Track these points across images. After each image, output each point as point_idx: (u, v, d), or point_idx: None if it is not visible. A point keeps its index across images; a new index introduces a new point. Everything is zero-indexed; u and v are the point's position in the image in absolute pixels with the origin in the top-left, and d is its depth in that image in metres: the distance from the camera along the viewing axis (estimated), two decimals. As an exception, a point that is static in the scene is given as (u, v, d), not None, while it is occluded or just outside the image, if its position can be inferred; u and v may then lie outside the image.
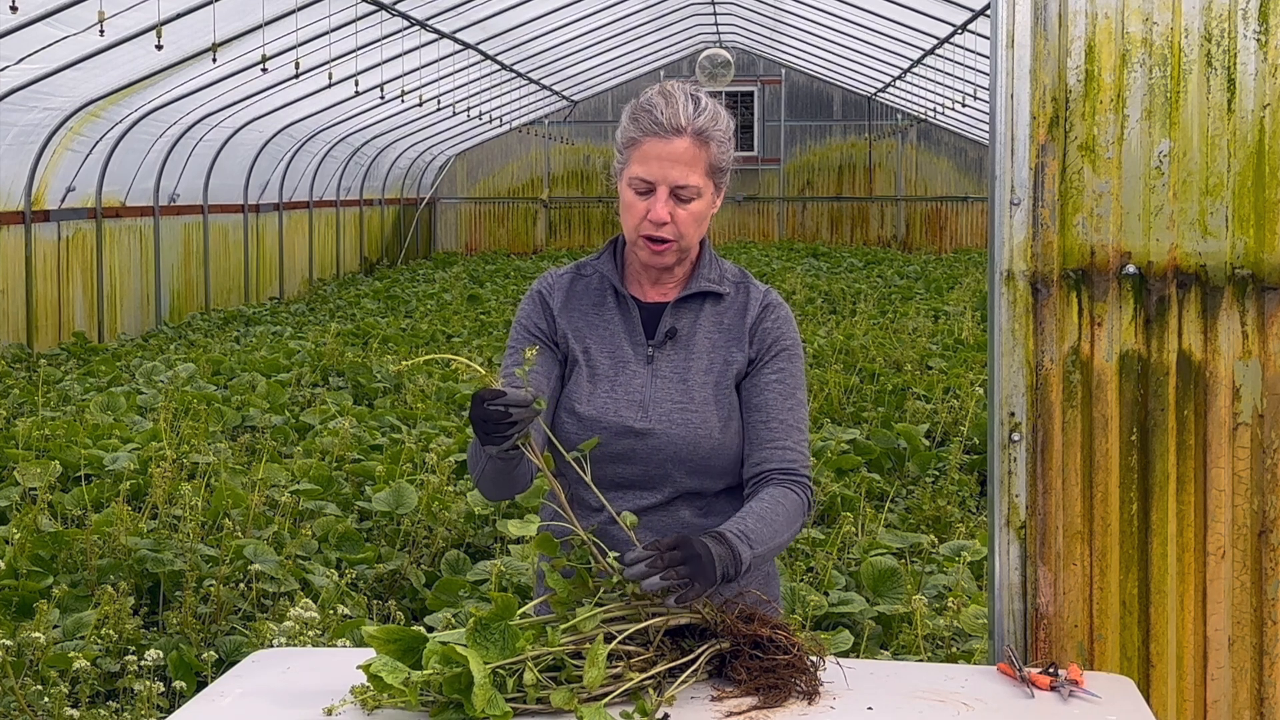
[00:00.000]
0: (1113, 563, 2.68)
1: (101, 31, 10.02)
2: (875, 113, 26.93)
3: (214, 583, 5.23)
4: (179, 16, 11.91)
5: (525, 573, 5.36)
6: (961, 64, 18.54)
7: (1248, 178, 2.63)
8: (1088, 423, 2.68)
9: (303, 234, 20.99)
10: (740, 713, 2.22)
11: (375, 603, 5.46)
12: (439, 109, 19.64)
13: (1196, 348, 2.66)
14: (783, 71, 27.01)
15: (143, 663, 4.00)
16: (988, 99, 2.73)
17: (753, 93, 27.09)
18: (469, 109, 20.49)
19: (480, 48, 18.84)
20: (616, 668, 2.24)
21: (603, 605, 2.31)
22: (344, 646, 3.71)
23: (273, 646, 3.94)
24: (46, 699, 4.14)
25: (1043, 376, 2.69)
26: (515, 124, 25.24)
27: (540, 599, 2.44)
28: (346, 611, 4.74)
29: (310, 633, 4.06)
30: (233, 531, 5.87)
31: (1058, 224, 2.67)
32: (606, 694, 2.20)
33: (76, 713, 3.91)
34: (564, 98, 25.67)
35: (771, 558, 2.57)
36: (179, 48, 12.91)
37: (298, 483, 6.92)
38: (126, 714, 4.12)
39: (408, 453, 7.37)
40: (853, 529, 6.16)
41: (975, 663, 4.24)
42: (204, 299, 17.53)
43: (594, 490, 2.45)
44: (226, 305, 17.89)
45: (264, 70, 12.27)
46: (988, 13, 6.41)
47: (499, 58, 20.06)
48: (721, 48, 25.34)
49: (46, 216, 13.75)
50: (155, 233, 16.25)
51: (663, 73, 25.93)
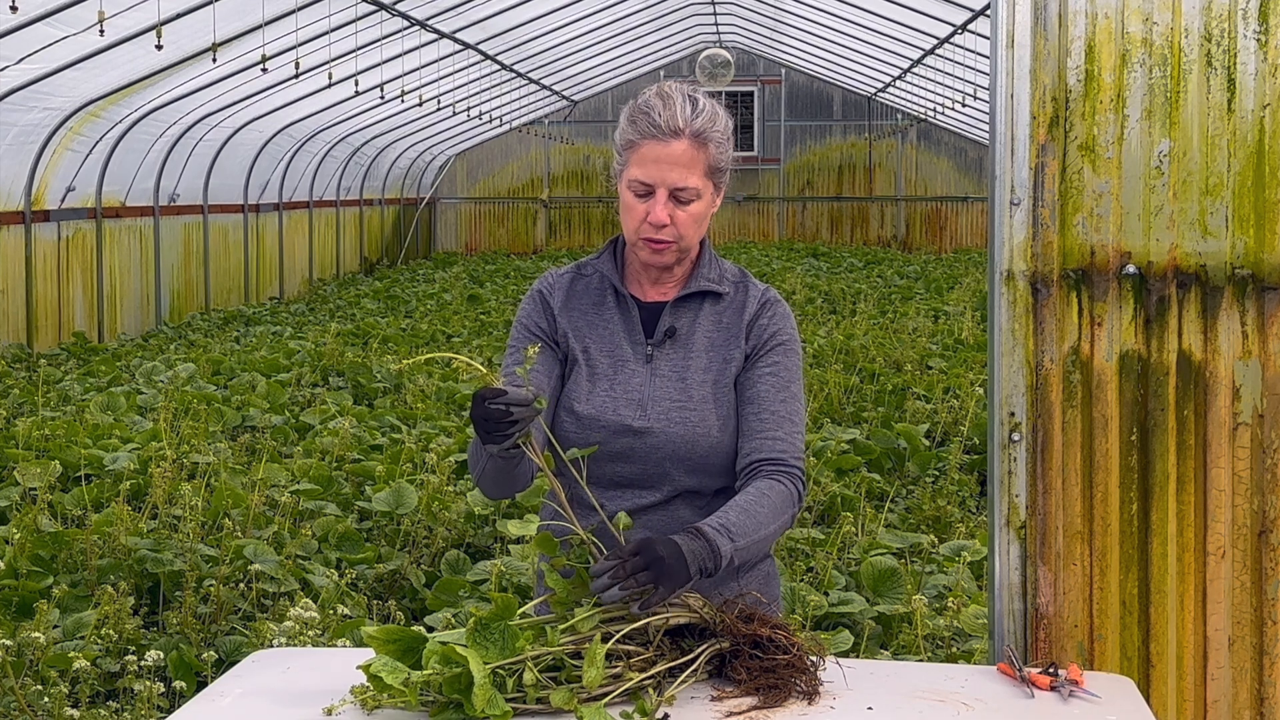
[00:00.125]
0: (1113, 563, 2.68)
1: (101, 31, 10.02)
2: (875, 113, 26.93)
3: (214, 583, 5.23)
4: (179, 16, 11.91)
5: (525, 573, 5.36)
6: (961, 64, 18.54)
7: (1248, 178, 2.63)
8: (1088, 423, 2.68)
9: (303, 234, 20.99)
10: (740, 713, 2.22)
11: (375, 603, 5.46)
12: (439, 109, 19.64)
13: (1196, 348, 2.66)
14: (783, 71, 27.01)
15: (143, 663, 4.00)
16: (988, 99, 2.73)
17: (753, 93, 27.09)
18: (469, 109, 20.49)
19: (480, 48, 18.84)
20: (616, 668, 2.24)
21: (601, 605, 2.31)
22: (344, 646, 3.71)
23: (273, 646, 3.94)
24: (46, 699, 4.14)
25: (1043, 376, 2.69)
26: (515, 124, 25.25)
27: (540, 599, 2.44)
28: (346, 611, 4.74)
29: (310, 633, 4.06)
30: (233, 531, 5.87)
31: (1058, 224, 2.67)
32: (606, 694, 2.20)
33: (76, 713, 3.91)
34: (564, 98, 25.67)
35: (760, 550, 2.55)
36: (179, 48, 12.91)
37: (298, 483, 6.92)
38: (126, 714, 4.12)
39: (408, 453, 7.37)
40: (853, 529, 6.16)
41: (975, 663, 4.24)
42: (204, 299, 17.53)
43: (589, 494, 2.46)
44: (226, 305, 17.89)
45: (264, 70, 12.27)
46: (988, 13, 6.40)
47: (499, 58, 20.06)
48: (721, 48, 25.34)
49: (46, 216, 13.75)
50: (155, 233, 16.26)
51: (663, 73, 25.93)
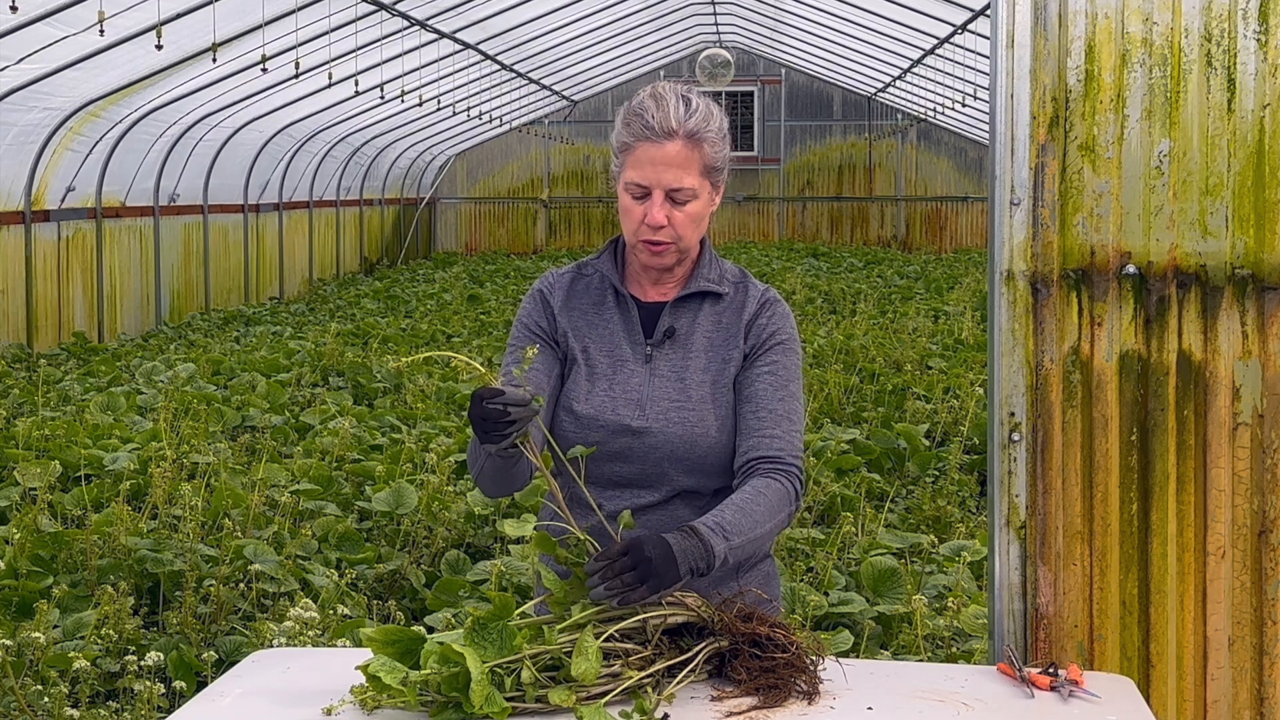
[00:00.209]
0: (1113, 563, 2.68)
1: (101, 31, 10.02)
2: (875, 113, 26.93)
3: (214, 583, 5.23)
4: (179, 16, 11.91)
5: (525, 573, 5.35)
6: (961, 64, 18.54)
7: (1248, 178, 2.63)
8: (1088, 423, 2.68)
9: (303, 234, 20.99)
10: (740, 712, 2.22)
11: (375, 603, 5.46)
12: (439, 109, 19.64)
13: (1196, 348, 2.66)
14: (783, 71, 27.01)
15: (143, 663, 4.00)
16: (988, 99, 2.73)
17: (753, 93, 27.09)
18: (469, 109, 20.49)
19: (480, 48, 18.84)
20: (614, 666, 2.24)
21: (594, 603, 2.31)
22: (344, 646, 3.71)
23: (273, 646, 3.94)
24: (46, 699, 4.14)
25: (1043, 376, 2.68)
26: (515, 124, 25.24)
27: (539, 599, 2.44)
28: (346, 611, 4.74)
29: (310, 633, 4.06)
30: (233, 531, 5.87)
31: (1058, 224, 2.67)
32: (605, 692, 2.20)
33: (76, 713, 3.91)
34: (564, 98, 25.67)
35: (757, 548, 2.55)
36: (179, 48, 12.91)
37: (298, 483, 6.92)
38: (126, 714, 4.12)
39: (408, 453, 7.37)
40: (853, 529, 6.16)
41: (975, 663, 4.24)
42: (204, 299, 17.53)
43: (587, 494, 2.46)
44: (226, 305, 17.89)
45: (264, 70, 12.27)
46: (988, 13, 6.40)
47: (499, 58, 20.06)
48: (721, 48, 25.34)
49: (46, 216, 13.75)
50: (155, 233, 16.25)
51: (662, 73, 25.93)
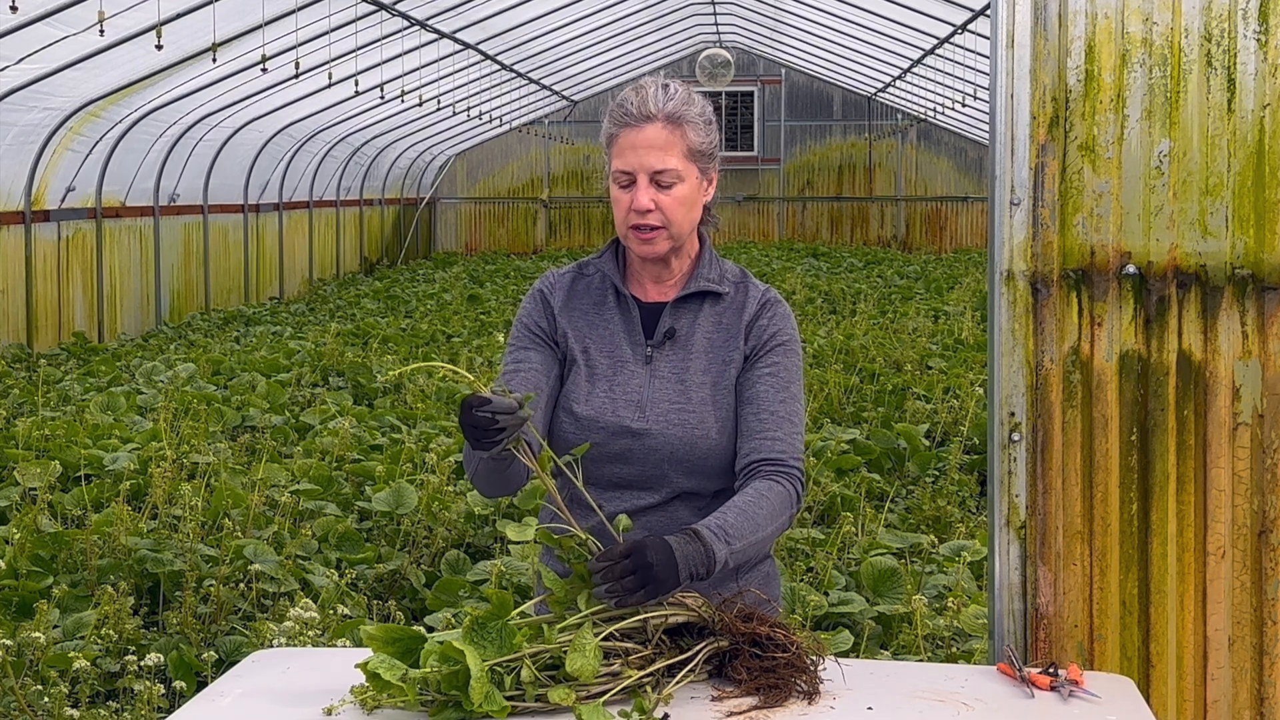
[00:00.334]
0: (1113, 563, 2.68)
1: (101, 31, 10.01)
2: (875, 113, 26.92)
3: (214, 583, 5.23)
4: (179, 16, 11.91)
5: (525, 573, 5.36)
6: (961, 64, 18.54)
7: (1248, 178, 2.63)
8: (1088, 423, 2.68)
9: (303, 234, 20.99)
10: (740, 712, 2.22)
11: (375, 603, 5.46)
12: (439, 109, 19.64)
13: (1196, 348, 2.66)
14: (783, 71, 27.01)
15: (143, 663, 4.00)
16: (988, 99, 2.73)
17: (753, 93, 27.09)
18: (469, 109, 20.49)
19: (480, 48, 18.84)
20: (614, 665, 2.24)
21: (598, 604, 2.31)
22: (344, 646, 3.71)
23: (273, 646, 3.94)
24: (46, 699, 4.14)
25: (1043, 376, 2.68)
26: (515, 124, 25.24)
27: (539, 598, 2.44)
28: (346, 611, 4.74)
29: (310, 633, 4.06)
30: (233, 531, 5.87)
31: (1058, 224, 2.67)
32: (604, 692, 2.20)
33: (76, 713, 3.91)
34: (564, 98, 25.66)
35: (758, 551, 2.55)
36: (179, 48, 12.91)
37: (298, 483, 6.92)
38: (126, 714, 4.12)
39: (408, 453, 7.37)
40: (853, 529, 6.16)
41: (975, 663, 4.24)
42: (204, 299, 17.53)
43: (586, 494, 2.46)
44: (226, 305, 17.89)
45: (264, 70, 12.27)
46: (988, 13, 6.40)
47: (499, 58, 20.06)
48: (721, 48, 25.34)
49: (46, 216, 13.75)
50: (155, 233, 16.25)
51: (662, 73, 25.72)
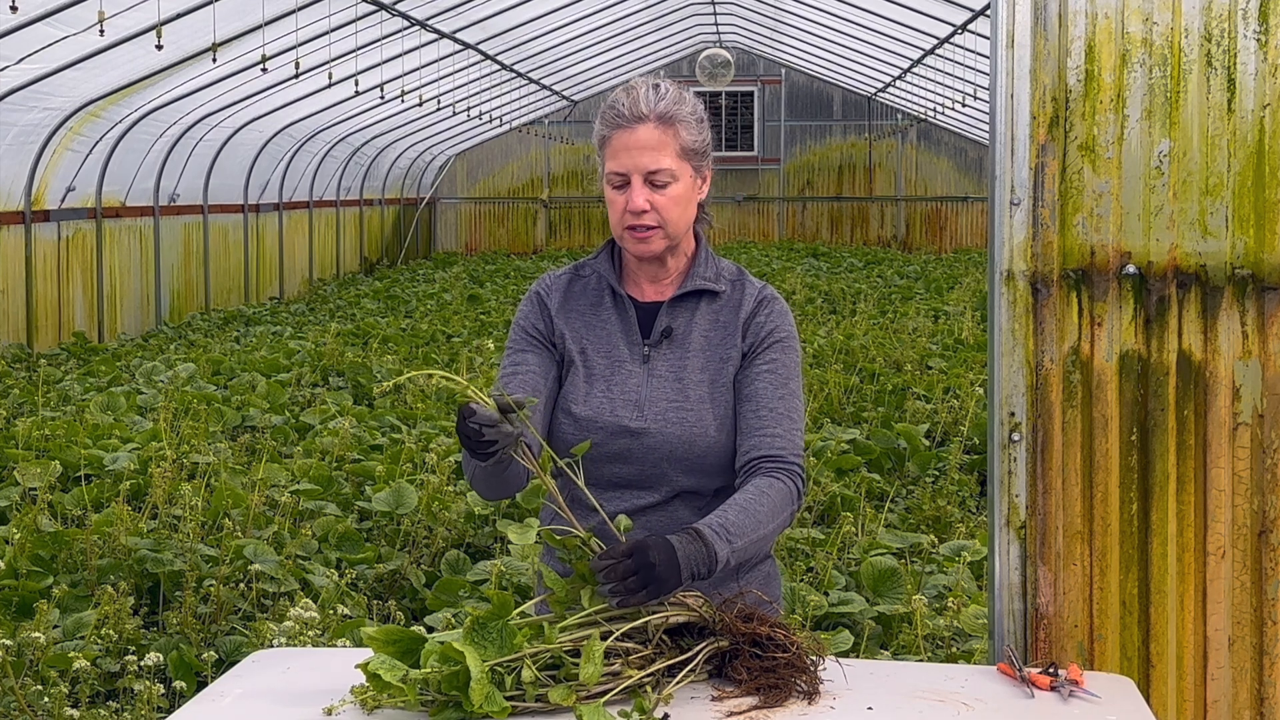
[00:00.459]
0: (1113, 563, 2.68)
1: (101, 31, 10.01)
2: (875, 113, 26.92)
3: (214, 583, 5.23)
4: (179, 16, 11.91)
5: (525, 573, 5.36)
6: (961, 64, 18.54)
7: (1248, 178, 2.63)
8: (1088, 423, 2.68)
9: (303, 234, 20.99)
10: (740, 712, 2.22)
11: (375, 603, 5.46)
12: (439, 109, 19.64)
13: (1196, 348, 2.66)
14: (783, 71, 27.01)
15: (143, 663, 4.00)
16: (988, 99, 2.73)
17: (753, 93, 27.09)
18: (469, 109, 20.49)
19: (480, 48, 18.84)
20: (614, 665, 2.24)
21: (599, 603, 2.31)
22: (344, 646, 3.71)
23: (273, 646, 3.94)
24: (46, 699, 4.14)
25: (1043, 376, 2.68)
26: (515, 124, 25.24)
27: (539, 598, 2.44)
28: (346, 611, 4.74)
29: (310, 633, 4.05)
30: (233, 531, 5.87)
31: (1058, 224, 2.67)
32: (605, 692, 2.20)
33: (76, 713, 3.91)
34: (564, 98, 25.66)
35: (759, 549, 2.55)
36: (179, 48, 12.91)
37: (298, 483, 6.92)
38: (126, 714, 4.12)
39: (408, 453, 7.37)
40: (853, 529, 6.15)
41: (975, 663, 4.24)
42: (204, 299, 17.52)
43: (587, 494, 2.46)
44: (226, 305, 17.89)
45: (264, 70, 12.27)
46: (988, 13, 6.40)
47: (499, 58, 20.06)
48: (721, 48, 25.34)
49: (46, 216, 13.75)
50: (155, 233, 16.25)
51: (662, 73, 25.88)
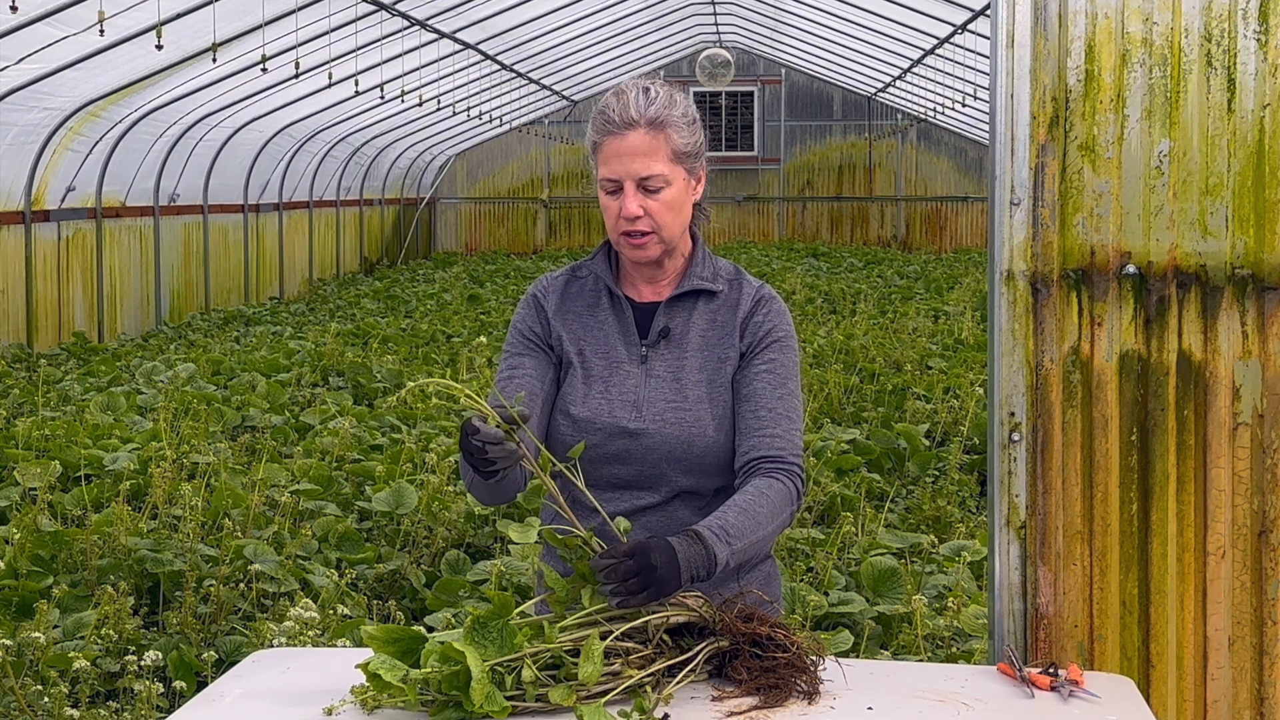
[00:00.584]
0: (1113, 563, 2.68)
1: (101, 31, 10.01)
2: (875, 113, 26.92)
3: (214, 583, 5.23)
4: (179, 16, 11.91)
5: (525, 573, 5.36)
6: (961, 64, 18.54)
7: (1248, 178, 2.63)
8: (1088, 423, 2.68)
9: (303, 234, 20.98)
10: (741, 712, 2.22)
11: (375, 603, 5.46)
12: (439, 109, 19.64)
13: (1196, 348, 2.66)
14: (783, 71, 27.01)
15: (143, 663, 4.00)
16: (988, 99, 2.73)
17: (753, 93, 27.08)
18: (469, 109, 20.49)
19: (480, 48, 18.84)
20: (614, 665, 2.24)
21: (600, 602, 2.31)
22: (344, 646, 3.71)
23: (273, 646, 3.94)
24: (46, 699, 4.14)
25: (1043, 376, 2.68)
26: (515, 124, 25.24)
27: (539, 598, 2.44)
28: (346, 611, 4.74)
29: (310, 633, 4.06)
30: (233, 531, 5.87)
31: (1058, 224, 2.67)
32: (605, 691, 2.20)
33: (76, 713, 3.91)
34: (564, 98, 25.66)
35: (759, 550, 2.55)
36: (179, 48, 12.91)
37: (298, 483, 6.92)
38: (126, 714, 4.12)
39: (408, 453, 7.37)
40: (853, 529, 6.16)
41: (975, 663, 4.24)
42: (204, 299, 17.52)
43: (588, 495, 2.46)
44: (226, 305, 17.88)
45: (264, 70, 12.27)
46: (988, 13, 6.41)
47: (499, 58, 20.06)
48: (721, 48, 25.33)
49: (46, 216, 13.75)
50: (155, 233, 16.25)
51: (662, 73, 25.92)
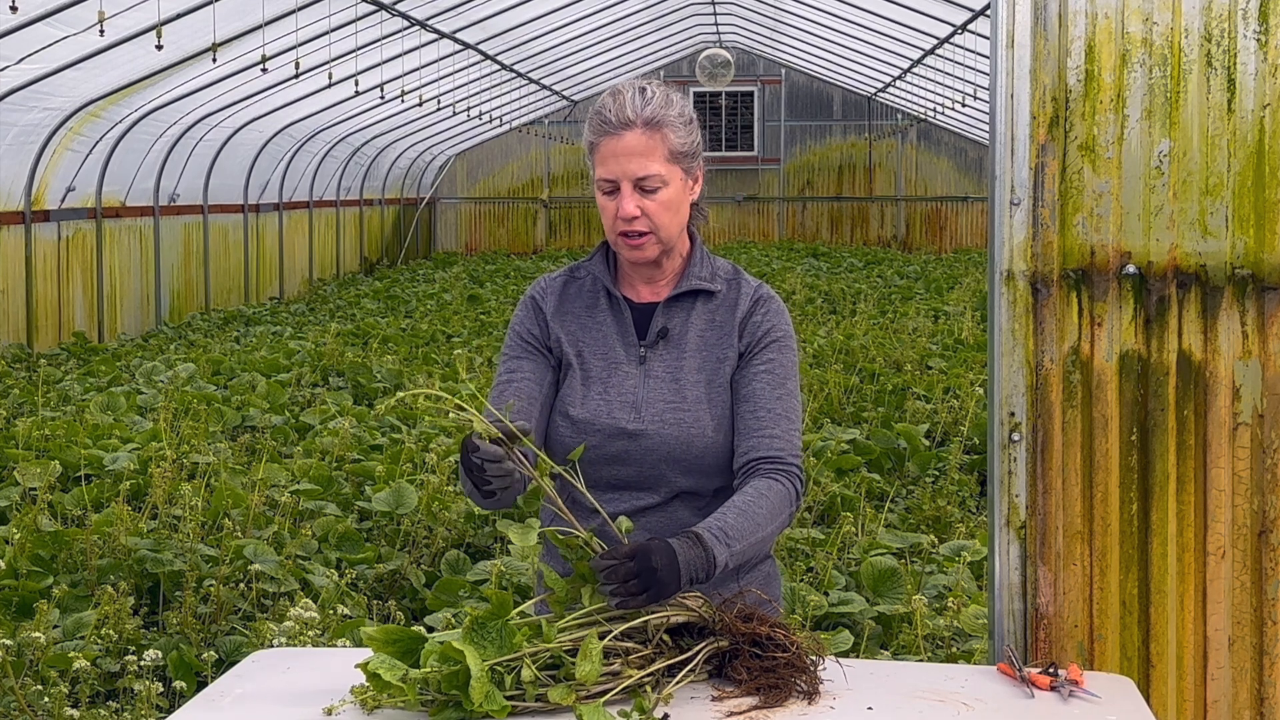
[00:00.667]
0: (1113, 563, 2.68)
1: (101, 31, 10.01)
2: (875, 113, 26.92)
3: (214, 583, 5.23)
4: (179, 16, 11.91)
5: (525, 573, 5.36)
6: (961, 64, 18.54)
7: (1248, 178, 2.63)
8: (1088, 423, 2.68)
9: (303, 234, 20.98)
10: (740, 712, 2.22)
11: (375, 603, 5.46)
12: (439, 109, 19.64)
13: (1196, 348, 2.66)
14: (783, 71, 27.01)
15: (142, 663, 4.00)
16: (988, 99, 2.73)
17: (753, 93, 27.08)
18: (469, 109, 20.49)
19: (480, 48, 18.84)
20: (614, 665, 2.24)
21: (600, 602, 2.31)
22: (344, 646, 3.71)
23: (273, 646, 3.94)
24: (46, 699, 4.14)
25: (1043, 376, 2.68)
26: (515, 124, 25.24)
27: (539, 598, 2.44)
28: (346, 611, 4.74)
29: (310, 633, 4.05)
30: (233, 531, 5.87)
31: (1058, 224, 2.67)
32: (605, 691, 2.20)
33: (76, 713, 3.91)
34: (564, 98, 25.66)
35: (759, 551, 2.55)
36: (179, 48, 12.91)
37: (298, 483, 6.92)
38: (126, 714, 4.12)
39: (408, 453, 7.37)
40: (853, 529, 6.16)
41: (975, 663, 4.24)
42: (204, 299, 17.52)
43: (588, 495, 2.45)
44: (226, 305, 17.88)
45: (264, 70, 12.27)
46: (988, 13, 6.40)
47: (499, 58, 20.06)
48: (721, 48, 25.33)
49: (46, 216, 13.75)
50: (155, 233, 16.25)
51: (662, 73, 25.92)
